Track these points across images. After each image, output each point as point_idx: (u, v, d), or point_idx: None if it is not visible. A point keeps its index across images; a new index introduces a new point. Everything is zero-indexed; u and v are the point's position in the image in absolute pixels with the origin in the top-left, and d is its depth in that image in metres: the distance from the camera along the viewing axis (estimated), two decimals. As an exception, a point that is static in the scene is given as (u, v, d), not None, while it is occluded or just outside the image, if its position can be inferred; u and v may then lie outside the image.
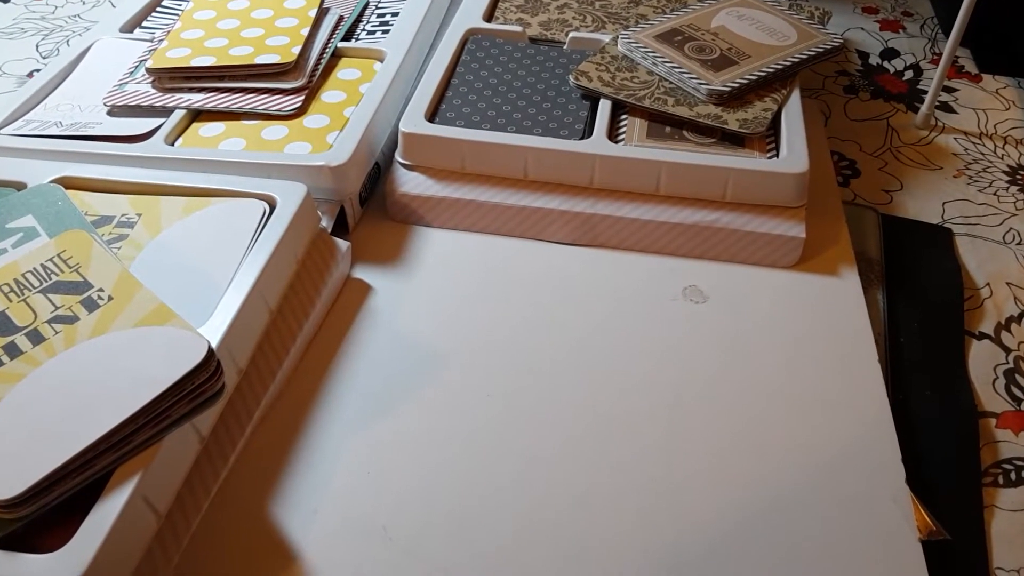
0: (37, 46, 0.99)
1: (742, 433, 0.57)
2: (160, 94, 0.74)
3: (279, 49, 0.77)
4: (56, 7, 1.06)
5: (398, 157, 0.72)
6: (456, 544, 0.51)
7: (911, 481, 0.54)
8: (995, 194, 0.80)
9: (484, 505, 0.53)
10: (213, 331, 0.53)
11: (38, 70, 0.94)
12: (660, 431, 0.57)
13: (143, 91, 0.75)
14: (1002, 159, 0.84)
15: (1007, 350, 0.66)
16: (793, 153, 0.68)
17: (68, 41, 0.99)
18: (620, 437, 0.57)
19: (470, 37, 0.82)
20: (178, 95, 0.74)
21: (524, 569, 0.50)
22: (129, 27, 0.87)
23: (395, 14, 0.87)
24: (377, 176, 0.74)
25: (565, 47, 0.82)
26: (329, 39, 0.81)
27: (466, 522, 0.52)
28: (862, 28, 1.04)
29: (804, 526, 0.52)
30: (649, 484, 0.54)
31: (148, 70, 0.76)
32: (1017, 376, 0.64)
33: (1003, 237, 0.75)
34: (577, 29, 0.83)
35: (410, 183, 0.71)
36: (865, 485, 0.54)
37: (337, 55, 0.80)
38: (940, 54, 0.99)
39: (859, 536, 0.51)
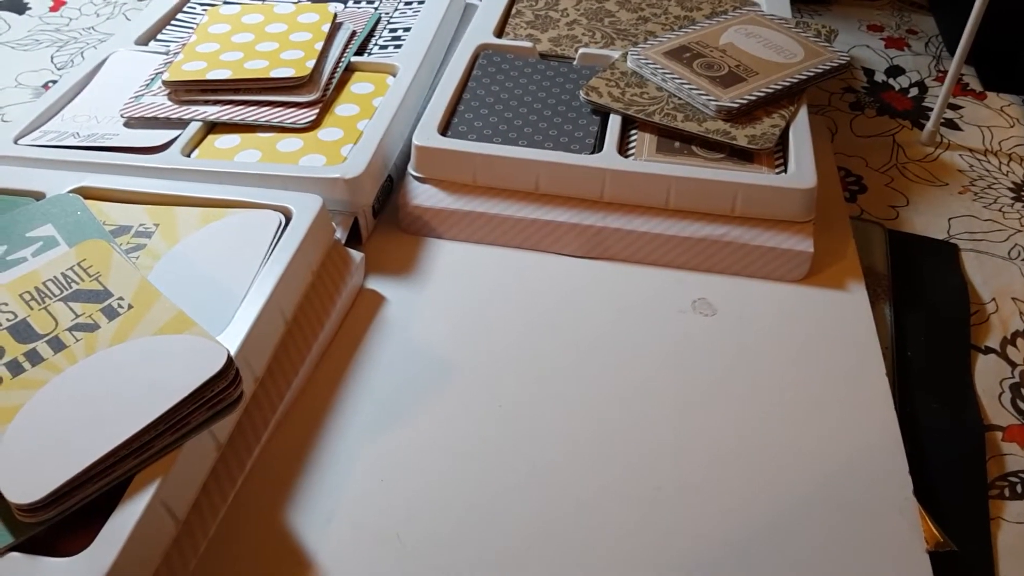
0: (52, 58, 1.00)
1: (750, 444, 0.58)
2: (176, 106, 0.75)
3: (293, 63, 0.78)
4: (70, 19, 1.08)
5: (411, 170, 0.73)
6: (468, 551, 0.52)
7: (918, 493, 0.55)
8: (1000, 210, 0.81)
9: (495, 512, 0.54)
10: (231, 340, 0.54)
11: (53, 81, 0.95)
12: (668, 441, 0.58)
13: (159, 103, 0.76)
14: (1007, 176, 0.85)
15: (1013, 364, 0.67)
16: (801, 168, 0.69)
17: (83, 53, 1.01)
18: (629, 446, 0.57)
19: (481, 52, 0.83)
20: (194, 107, 0.75)
21: (535, 573, 0.51)
22: (144, 40, 0.88)
23: (407, 29, 0.88)
24: (390, 189, 0.75)
25: (575, 63, 0.83)
26: (342, 53, 0.82)
27: (478, 529, 0.53)
28: (867, 46, 1.05)
29: (812, 537, 0.53)
30: (657, 493, 0.55)
31: (164, 83, 0.77)
32: (1023, 390, 0.65)
33: (1008, 253, 0.76)
34: (587, 45, 0.84)
35: (422, 196, 0.72)
36: (873, 496, 0.55)
37: (350, 69, 0.82)
38: (945, 72, 1.00)
39: (867, 547, 0.52)
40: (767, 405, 0.60)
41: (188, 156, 0.71)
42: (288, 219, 0.63)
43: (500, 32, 0.87)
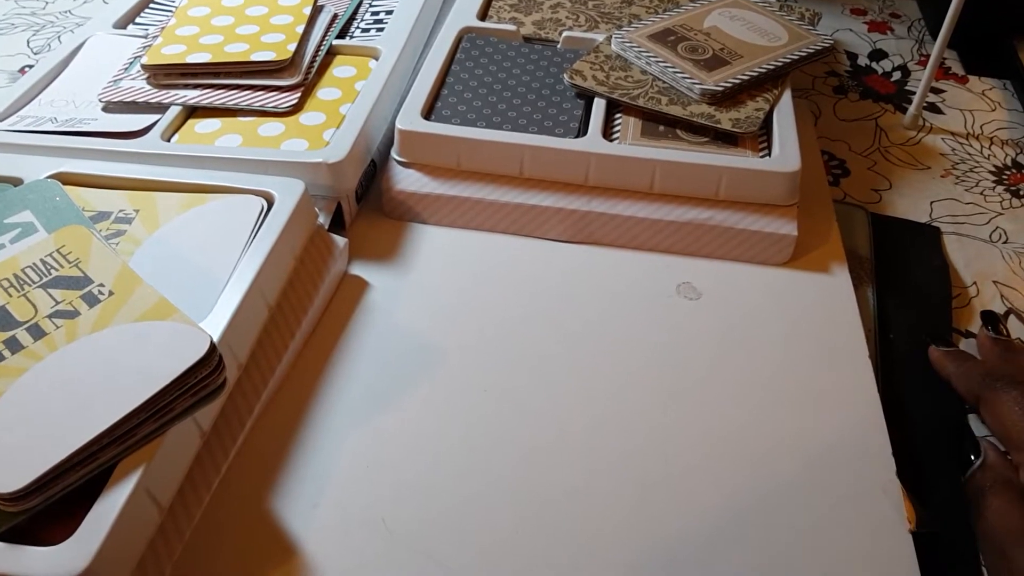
0: (28, 42, 0.98)
1: (735, 427, 0.58)
2: (155, 90, 0.74)
3: (274, 46, 0.77)
4: (46, 2, 1.06)
5: (394, 154, 0.72)
6: (454, 536, 0.52)
7: (901, 474, 0.55)
8: (982, 194, 0.81)
9: (482, 497, 0.54)
10: (213, 327, 0.53)
11: (30, 66, 0.94)
12: (654, 425, 0.58)
13: (138, 87, 0.75)
14: (988, 159, 0.85)
15: (994, 346, 0.67)
16: (785, 152, 0.69)
17: (60, 37, 0.99)
18: (615, 431, 0.57)
19: (464, 35, 0.83)
20: (174, 91, 0.74)
21: (522, 560, 0.51)
22: (122, 23, 0.87)
23: (389, 12, 0.87)
24: (373, 173, 0.75)
25: (559, 46, 0.82)
26: (324, 36, 0.81)
27: (464, 514, 0.53)
28: (850, 29, 1.05)
29: (797, 518, 0.53)
30: (643, 477, 0.55)
31: (143, 66, 0.76)
32: (1004, 372, 0.65)
33: (990, 236, 0.77)
34: (571, 28, 0.84)
35: (406, 180, 0.71)
36: (856, 478, 0.55)
37: (332, 53, 0.81)
38: (927, 55, 1.01)
39: (851, 527, 0.52)
40: (752, 387, 0.60)
41: (168, 141, 0.70)
42: (270, 204, 0.62)
43: (483, 15, 0.87)
